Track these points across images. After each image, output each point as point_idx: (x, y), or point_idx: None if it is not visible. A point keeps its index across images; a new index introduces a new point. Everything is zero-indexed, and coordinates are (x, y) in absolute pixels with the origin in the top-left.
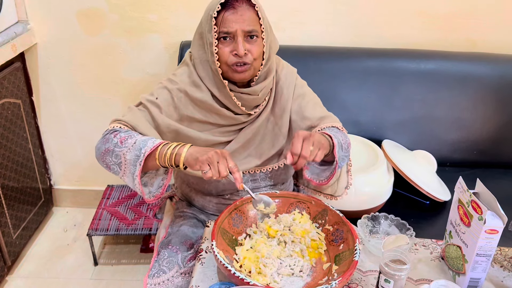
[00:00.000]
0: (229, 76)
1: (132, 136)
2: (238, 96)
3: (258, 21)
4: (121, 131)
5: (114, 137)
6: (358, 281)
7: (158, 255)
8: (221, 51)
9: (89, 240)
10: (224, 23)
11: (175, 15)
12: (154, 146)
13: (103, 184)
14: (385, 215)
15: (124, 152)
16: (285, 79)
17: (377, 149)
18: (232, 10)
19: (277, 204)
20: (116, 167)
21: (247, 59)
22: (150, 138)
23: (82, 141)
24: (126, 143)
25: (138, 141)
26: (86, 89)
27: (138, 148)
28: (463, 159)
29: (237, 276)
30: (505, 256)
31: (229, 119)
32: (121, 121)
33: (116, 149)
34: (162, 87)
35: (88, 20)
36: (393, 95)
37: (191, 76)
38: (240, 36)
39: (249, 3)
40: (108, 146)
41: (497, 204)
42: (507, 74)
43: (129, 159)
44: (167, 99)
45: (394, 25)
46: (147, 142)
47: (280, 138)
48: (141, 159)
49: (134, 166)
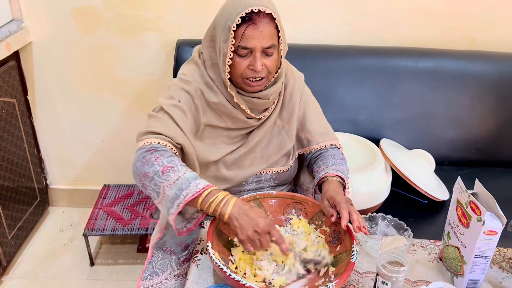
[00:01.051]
0: (241, 86)
1: (175, 169)
2: (249, 100)
3: (277, 34)
4: (164, 155)
5: (155, 161)
6: (355, 282)
7: (152, 256)
8: (237, 64)
9: (85, 240)
10: (243, 38)
11: (171, 13)
12: (197, 193)
13: (99, 183)
14: (383, 216)
15: (165, 186)
16: (293, 83)
17: (375, 148)
18: (253, 26)
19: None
20: (153, 193)
21: (263, 74)
22: (194, 178)
23: (78, 140)
24: (168, 176)
25: (181, 179)
26: (82, 88)
27: (179, 188)
28: (462, 158)
29: (232, 278)
30: (504, 257)
31: (240, 123)
32: (156, 133)
33: (157, 178)
34: (180, 89)
35: (83, 18)
36: (391, 93)
37: (203, 76)
38: (259, 52)
39: (270, 16)
40: (147, 170)
41: (496, 204)
42: (506, 72)
43: (168, 195)
44: (188, 101)
45: (392, 23)
46: (190, 183)
47: (287, 142)
48: (180, 201)
49: (172, 204)
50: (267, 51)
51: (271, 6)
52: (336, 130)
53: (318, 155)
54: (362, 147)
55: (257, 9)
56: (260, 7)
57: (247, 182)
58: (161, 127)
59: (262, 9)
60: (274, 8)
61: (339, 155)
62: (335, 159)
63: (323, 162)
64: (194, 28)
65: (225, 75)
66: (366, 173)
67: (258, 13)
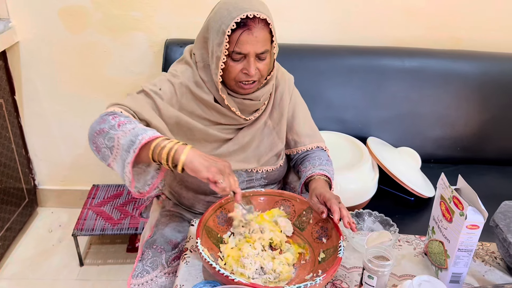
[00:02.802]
0: (234, 89)
1: (132, 122)
2: (240, 101)
3: (270, 38)
4: (122, 116)
5: (112, 119)
6: (342, 277)
7: (142, 255)
8: (230, 68)
9: (75, 240)
10: (238, 44)
11: (159, 13)
12: (154, 136)
13: (88, 183)
14: (369, 212)
15: (119, 136)
16: (284, 84)
17: (362, 146)
18: (248, 32)
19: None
20: (107, 150)
21: (255, 77)
22: (152, 129)
23: (67, 140)
24: (124, 128)
25: (137, 128)
26: (70, 88)
27: (135, 134)
28: (447, 156)
29: (221, 273)
30: (487, 251)
31: (230, 119)
32: (122, 105)
33: (112, 131)
34: (165, 80)
35: (71, 18)
36: (377, 92)
37: (194, 76)
38: (253, 57)
39: (265, 22)
40: (103, 126)
41: (478, 199)
42: (490, 71)
43: (122, 144)
44: (171, 91)
45: (379, 23)
46: (147, 131)
47: (278, 142)
48: (136, 146)
49: (127, 152)
50: (261, 56)
51: (265, 11)
52: (324, 128)
53: (304, 156)
54: (349, 146)
55: (252, 15)
56: (255, 13)
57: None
58: (131, 103)
59: (257, 14)
60: (269, 13)
61: (325, 156)
62: (321, 160)
63: (310, 163)
64: (182, 28)
65: (218, 78)
66: (353, 171)
67: (253, 18)
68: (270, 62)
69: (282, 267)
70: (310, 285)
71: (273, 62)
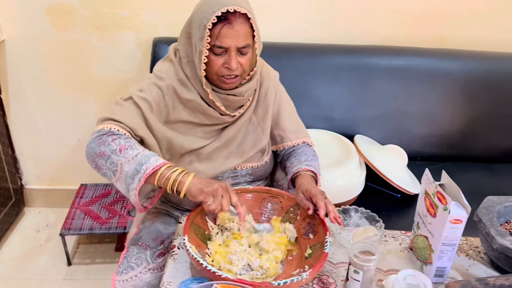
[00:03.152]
0: (217, 84)
1: (133, 147)
2: (224, 97)
3: (252, 33)
4: (121, 137)
5: (112, 141)
6: (329, 273)
7: (127, 251)
8: (212, 62)
9: (62, 240)
10: (219, 37)
11: (147, 11)
12: (157, 166)
13: (76, 183)
14: (356, 208)
15: (123, 163)
16: (268, 81)
17: (350, 144)
18: (228, 25)
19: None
20: (109, 172)
21: (237, 72)
22: (153, 155)
23: (54, 139)
24: (126, 154)
25: (139, 156)
26: (57, 86)
27: (139, 163)
28: (434, 153)
29: (209, 270)
30: (471, 245)
31: (214, 119)
32: (117, 122)
33: (114, 156)
34: (151, 83)
35: (57, 16)
36: (365, 91)
37: (177, 74)
38: (234, 51)
39: (245, 16)
40: (103, 149)
41: (461, 194)
42: (476, 70)
43: (126, 171)
44: (159, 97)
45: (366, 22)
46: (149, 158)
47: (262, 138)
48: (141, 175)
49: (132, 179)
50: (242, 50)
51: (246, 6)
52: (312, 126)
53: (290, 152)
54: (337, 143)
55: (232, 9)
56: (235, 7)
57: (223, 177)
58: (124, 116)
59: (238, 9)
60: (250, 8)
61: (311, 152)
62: (307, 156)
63: (296, 158)
64: (170, 26)
65: (201, 72)
66: (341, 168)
67: (233, 13)
68: (253, 57)
69: (270, 263)
70: (296, 280)
71: (255, 57)
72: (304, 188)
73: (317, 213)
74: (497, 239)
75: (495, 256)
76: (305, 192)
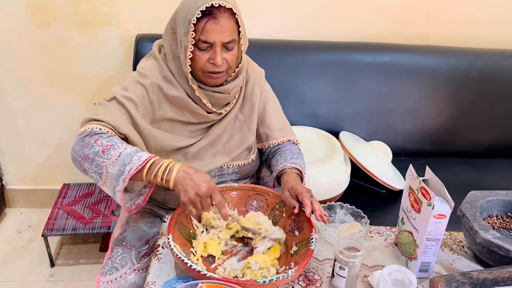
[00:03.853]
0: (202, 80)
1: (115, 147)
2: (210, 94)
3: (237, 28)
4: (103, 136)
5: (94, 142)
6: (315, 269)
7: (112, 252)
8: (197, 58)
9: (45, 240)
10: (204, 32)
11: (130, 8)
12: (140, 165)
13: (58, 183)
14: (341, 204)
15: (107, 164)
16: (254, 78)
17: (335, 140)
18: (213, 20)
19: (234, 197)
20: (95, 175)
21: (223, 68)
22: (136, 152)
23: (36, 138)
24: (109, 155)
25: (122, 155)
26: (38, 84)
27: (122, 163)
28: (417, 149)
29: (194, 269)
30: (454, 240)
31: (201, 117)
32: (100, 121)
33: (97, 158)
34: (135, 82)
35: (38, 13)
36: (349, 87)
37: (162, 71)
38: (219, 47)
39: (231, 11)
40: (87, 152)
41: (444, 190)
42: (458, 66)
43: (111, 173)
44: (143, 95)
45: (350, 19)
46: (132, 157)
47: (249, 136)
48: (125, 176)
49: (117, 181)
50: (228, 45)
51: (231, 1)
52: (297, 123)
53: (276, 150)
54: (322, 140)
55: (217, 4)
56: (220, 2)
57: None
58: (107, 115)
59: (223, 3)
60: (235, 3)
61: (296, 150)
62: (292, 154)
63: (281, 156)
64: (154, 23)
65: (187, 68)
66: (326, 165)
67: (218, 7)
68: (238, 53)
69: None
70: (282, 277)
71: (241, 54)
72: (290, 186)
73: (302, 211)
74: (480, 233)
75: (479, 250)
76: (291, 190)
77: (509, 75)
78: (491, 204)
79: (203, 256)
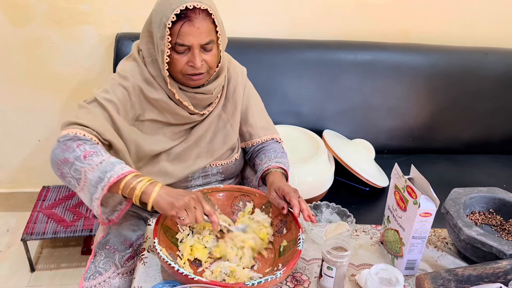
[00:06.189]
0: (183, 82)
1: (98, 154)
2: (192, 96)
3: (214, 29)
4: (86, 143)
5: (76, 147)
6: (302, 270)
7: (95, 256)
8: (175, 61)
9: (24, 245)
10: (180, 36)
11: (109, 6)
12: (122, 174)
13: (37, 185)
14: (327, 204)
15: (86, 170)
16: (236, 77)
17: (318, 139)
18: (189, 23)
19: (221, 198)
20: (73, 180)
21: (203, 69)
22: (119, 163)
23: (13, 140)
24: (91, 161)
25: (104, 163)
26: (14, 84)
27: (103, 171)
28: (399, 146)
29: (181, 273)
30: (439, 237)
31: (183, 119)
32: (83, 126)
33: (78, 163)
34: (116, 84)
35: (13, 11)
36: (332, 85)
37: (142, 74)
38: (197, 49)
39: (206, 12)
40: (67, 156)
41: (430, 188)
42: (438, 63)
43: (90, 179)
44: (124, 97)
45: (331, 17)
46: (114, 166)
47: (232, 135)
48: (104, 183)
49: (95, 188)
50: (206, 47)
51: (206, 1)
52: (280, 122)
53: (259, 149)
54: (306, 139)
55: (191, 6)
56: (194, 3)
57: (193, 177)
58: (90, 120)
59: (197, 5)
60: (210, 3)
61: (280, 149)
62: (276, 152)
63: (265, 155)
64: (134, 22)
65: (165, 72)
66: (310, 164)
67: (193, 9)
68: (217, 53)
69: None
70: (270, 279)
71: (220, 53)
72: (276, 186)
73: (290, 211)
74: (464, 230)
75: (462, 247)
76: (277, 190)
77: (487, 72)
78: (473, 201)
79: (189, 259)
